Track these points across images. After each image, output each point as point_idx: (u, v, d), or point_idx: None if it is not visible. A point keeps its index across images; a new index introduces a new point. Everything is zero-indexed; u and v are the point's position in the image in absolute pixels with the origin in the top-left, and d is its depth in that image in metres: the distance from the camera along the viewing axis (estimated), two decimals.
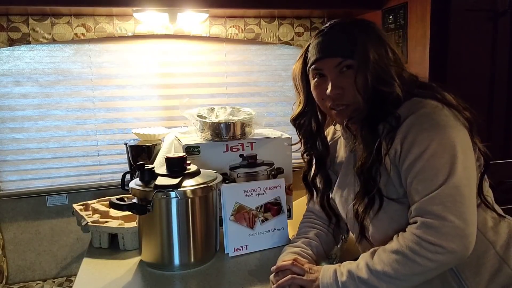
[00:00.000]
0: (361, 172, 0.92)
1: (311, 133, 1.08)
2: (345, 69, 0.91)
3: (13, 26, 1.69)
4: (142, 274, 1.08)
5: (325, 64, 0.93)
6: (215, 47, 2.02)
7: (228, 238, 1.16)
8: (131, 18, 1.80)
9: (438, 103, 0.87)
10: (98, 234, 1.23)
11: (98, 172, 1.96)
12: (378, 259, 0.84)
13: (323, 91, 0.95)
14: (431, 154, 0.82)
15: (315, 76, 0.97)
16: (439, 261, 0.78)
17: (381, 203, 0.90)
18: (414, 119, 0.85)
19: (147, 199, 1.02)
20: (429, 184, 0.81)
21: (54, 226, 1.90)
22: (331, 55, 0.92)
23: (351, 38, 0.91)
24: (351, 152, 1.03)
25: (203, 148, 1.25)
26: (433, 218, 0.79)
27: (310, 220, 1.18)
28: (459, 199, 0.79)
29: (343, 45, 0.91)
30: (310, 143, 1.09)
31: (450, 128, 0.83)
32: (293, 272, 0.94)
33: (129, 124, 1.95)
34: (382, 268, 0.82)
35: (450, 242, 0.77)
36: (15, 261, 1.86)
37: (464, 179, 0.80)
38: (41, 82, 1.84)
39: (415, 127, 0.84)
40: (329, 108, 0.96)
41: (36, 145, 1.87)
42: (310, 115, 1.06)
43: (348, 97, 0.92)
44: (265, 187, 1.22)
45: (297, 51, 2.12)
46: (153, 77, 1.97)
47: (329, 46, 0.93)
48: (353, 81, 0.90)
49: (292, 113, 1.09)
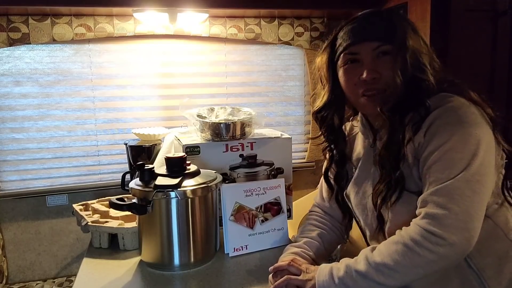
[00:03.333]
0: (383, 159, 0.90)
1: (333, 127, 1.05)
2: (381, 55, 0.90)
3: (13, 26, 1.69)
4: (142, 274, 1.08)
5: (362, 48, 0.91)
6: (215, 47, 2.02)
7: (228, 238, 1.16)
8: (131, 18, 1.80)
9: (465, 99, 0.86)
10: (98, 234, 1.23)
11: (98, 172, 1.96)
12: (377, 252, 0.84)
13: (355, 76, 0.92)
14: (449, 148, 0.81)
15: (346, 62, 0.94)
16: (439, 253, 0.77)
17: (400, 193, 0.88)
18: (440, 112, 0.84)
19: (147, 199, 1.02)
20: (441, 177, 0.80)
21: (54, 226, 1.90)
22: (369, 38, 0.90)
23: (389, 24, 0.90)
24: (370, 146, 1.01)
25: (203, 148, 1.25)
26: (438, 209, 0.78)
27: (316, 217, 1.17)
28: (467, 193, 0.78)
29: (382, 30, 0.90)
30: (332, 138, 1.07)
31: (475, 125, 0.82)
32: (289, 272, 0.93)
33: (129, 124, 1.95)
34: (382, 259, 0.81)
35: (452, 234, 0.76)
36: (15, 261, 1.86)
37: (478, 175, 0.79)
38: (41, 82, 1.84)
39: (439, 120, 0.83)
40: (361, 94, 0.93)
41: (36, 145, 1.87)
42: (334, 109, 1.03)
43: (385, 81, 0.90)
44: (265, 187, 1.22)
45: (297, 51, 2.12)
46: (153, 77, 1.97)
47: (366, 30, 0.91)
48: (391, 66, 0.88)
49: (314, 106, 1.06)
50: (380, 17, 0.93)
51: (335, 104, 1.03)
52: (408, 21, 0.94)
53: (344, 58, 0.95)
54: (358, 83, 0.93)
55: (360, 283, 0.83)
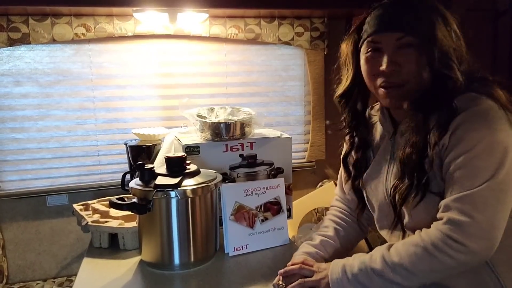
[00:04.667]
0: (406, 160, 0.87)
1: (356, 112, 1.03)
2: (404, 47, 0.86)
3: (13, 26, 1.69)
4: (142, 273, 1.08)
5: (384, 38, 0.87)
6: (215, 47, 2.02)
7: (228, 237, 1.16)
8: (131, 18, 1.80)
9: (494, 102, 0.82)
10: (98, 234, 1.23)
11: (98, 172, 1.96)
12: (395, 251, 0.82)
13: (375, 66, 0.89)
14: (475, 155, 0.79)
15: (369, 50, 0.91)
16: (459, 260, 0.77)
17: (423, 195, 0.86)
18: (467, 115, 0.81)
19: (147, 198, 1.02)
20: (466, 184, 0.79)
21: (54, 226, 1.90)
22: (392, 28, 0.86)
23: (416, 13, 0.85)
24: (390, 139, 0.99)
25: (203, 148, 1.25)
26: (461, 216, 0.77)
27: (335, 212, 1.15)
28: (491, 202, 0.77)
29: (407, 20, 0.85)
30: (354, 123, 1.05)
31: (502, 131, 0.80)
32: (302, 275, 0.92)
33: (129, 124, 1.95)
34: (399, 260, 0.80)
35: (473, 242, 0.76)
36: (15, 261, 1.86)
37: (503, 184, 0.78)
38: (41, 82, 1.84)
39: (466, 124, 0.81)
40: (379, 86, 0.91)
41: (36, 145, 1.87)
42: (357, 93, 1.01)
43: (405, 75, 0.86)
44: (265, 187, 1.22)
45: (297, 51, 2.13)
46: (153, 77, 1.97)
47: (391, 19, 0.87)
48: (413, 59, 0.85)
49: (338, 91, 1.03)
50: (407, 4, 0.87)
51: (359, 89, 1.00)
52: (439, 10, 0.88)
53: (367, 46, 0.92)
54: (377, 74, 0.90)
55: (376, 281, 0.82)
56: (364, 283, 0.83)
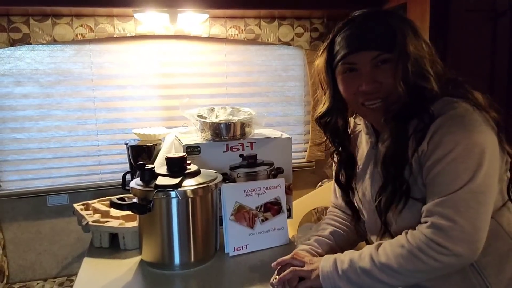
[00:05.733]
0: (387, 168, 0.88)
1: (338, 131, 1.03)
2: (380, 63, 0.86)
3: (14, 27, 1.70)
4: (142, 273, 1.08)
5: (359, 58, 0.87)
6: (215, 47, 2.02)
7: (228, 237, 1.16)
8: (132, 18, 1.81)
9: (469, 105, 0.83)
10: (98, 233, 1.23)
11: (99, 172, 1.96)
12: (383, 252, 0.84)
13: (353, 86, 0.89)
14: (453, 158, 0.79)
15: (345, 71, 0.91)
16: (444, 262, 0.78)
17: (405, 202, 0.87)
18: (443, 120, 0.82)
19: (148, 198, 1.02)
20: (446, 188, 0.79)
21: (55, 226, 1.90)
22: (367, 48, 0.86)
23: (388, 29, 0.85)
24: (372, 148, 0.99)
25: (203, 148, 1.26)
26: (444, 220, 0.78)
27: (332, 216, 1.16)
28: (472, 205, 0.78)
29: (381, 37, 0.85)
30: (337, 141, 1.05)
31: (478, 133, 0.80)
32: (293, 265, 0.94)
33: (129, 124, 1.95)
34: (386, 260, 0.82)
35: (457, 245, 0.77)
36: (16, 260, 1.87)
37: (483, 186, 0.79)
38: (42, 82, 1.84)
39: (443, 128, 0.81)
40: (360, 103, 0.91)
41: (37, 145, 1.87)
42: (337, 113, 1.01)
43: (385, 90, 0.87)
44: (265, 187, 1.22)
45: (297, 51, 2.13)
46: (154, 77, 1.97)
47: (364, 39, 0.87)
48: (391, 74, 0.85)
49: (317, 112, 1.03)
50: (377, 21, 0.88)
51: (338, 109, 1.00)
52: (408, 22, 0.89)
53: (342, 67, 0.92)
54: (357, 93, 0.90)
55: (363, 279, 0.84)
56: (352, 279, 0.85)
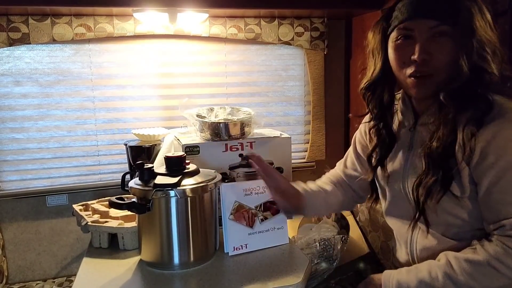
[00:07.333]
0: (433, 154, 0.84)
1: (382, 104, 0.98)
2: (438, 35, 0.82)
3: (13, 26, 1.69)
4: (142, 273, 1.08)
5: (417, 25, 0.84)
6: (215, 47, 2.02)
7: (228, 237, 1.16)
8: (131, 18, 1.80)
9: None
10: (98, 234, 1.23)
11: (98, 172, 1.96)
12: (460, 269, 0.80)
13: (405, 54, 0.86)
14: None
15: (399, 38, 0.87)
16: None
17: (444, 192, 0.84)
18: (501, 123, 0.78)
19: (147, 198, 1.02)
20: None
21: (54, 226, 1.90)
22: (427, 15, 0.82)
23: (453, 2, 0.81)
24: (409, 130, 0.96)
25: (202, 148, 1.26)
26: None
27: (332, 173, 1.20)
28: None
29: (443, 8, 0.81)
30: (379, 116, 1.00)
31: None
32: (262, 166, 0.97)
33: (129, 124, 1.95)
34: (466, 280, 0.79)
35: None
36: (15, 261, 1.86)
37: None
38: (41, 82, 1.84)
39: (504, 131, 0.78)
40: (408, 75, 0.87)
41: (36, 145, 1.87)
42: (384, 83, 0.96)
43: (435, 65, 0.83)
44: (264, 186, 1.22)
45: (297, 51, 2.13)
46: (153, 77, 1.97)
47: (426, 6, 0.83)
48: (446, 50, 0.81)
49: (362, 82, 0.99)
50: None
51: (385, 80, 0.95)
52: (477, 1, 0.83)
53: (398, 33, 0.88)
54: (407, 62, 0.86)
55: None
56: None
